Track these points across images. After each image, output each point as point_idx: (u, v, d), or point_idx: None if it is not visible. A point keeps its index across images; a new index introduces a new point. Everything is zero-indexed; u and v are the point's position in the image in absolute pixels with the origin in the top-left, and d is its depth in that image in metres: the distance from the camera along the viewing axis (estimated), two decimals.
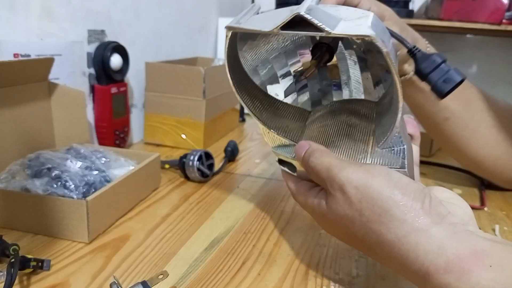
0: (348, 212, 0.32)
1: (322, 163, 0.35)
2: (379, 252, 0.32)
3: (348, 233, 0.34)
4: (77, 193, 0.46)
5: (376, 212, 0.30)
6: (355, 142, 0.41)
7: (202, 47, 1.11)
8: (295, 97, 0.50)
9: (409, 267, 0.30)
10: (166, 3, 0.89)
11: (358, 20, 0.32)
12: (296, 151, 0.39)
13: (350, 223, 0.32)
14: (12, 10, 0.53)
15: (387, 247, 0.31)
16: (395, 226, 0.30)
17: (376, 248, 0.32)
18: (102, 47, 0.67)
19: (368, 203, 0.31)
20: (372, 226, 0.31)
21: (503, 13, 0.94)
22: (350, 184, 0.32)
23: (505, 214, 0.58)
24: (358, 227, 0.32)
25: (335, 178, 0.33)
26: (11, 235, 0.44)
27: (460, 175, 0.72)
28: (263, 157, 0.78)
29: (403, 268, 0.30)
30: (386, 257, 0.32)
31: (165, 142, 0.81)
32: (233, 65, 0.43)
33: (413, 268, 0.29)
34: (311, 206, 0.37)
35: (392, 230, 0.30)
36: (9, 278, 0.34)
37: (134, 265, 0.41)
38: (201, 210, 0.54)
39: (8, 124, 0.52)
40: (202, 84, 0.76)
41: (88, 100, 0.68)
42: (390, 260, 0.31)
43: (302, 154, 0.38)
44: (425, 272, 0.29)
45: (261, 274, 0.40)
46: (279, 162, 0.44)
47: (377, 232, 0.31)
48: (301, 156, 0.38)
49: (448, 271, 0.27)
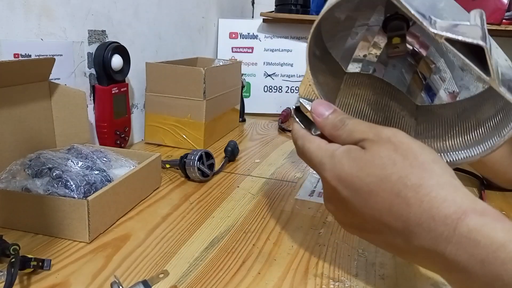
0: (392, 153, 0.32)
1: (361, 122, 0.36)
2: (411, 195, 0.31)
3: (380, 175, 0.32)
4: (78, 193, 0.46)
5: (420, 160, 0.32)
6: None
7: (202, 47, 1.11)
8: None
9: (444, 209, 0.29)
10: (166, 3, 0.89)
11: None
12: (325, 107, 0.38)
13: (392, 163, 0.32)
14: (12, 10, 0.53)
15: (425, 189, 0.30)
16: (437, 175, 0.31)
17: (409, 191, 0.31)
18: (102, 48, 0.67)
19: (414, 153, 0.32)
20: (415, 170, 0.31)
21: (503, 13, 0.94)
22: (397, 136, 0.33)
23: (505, 214, 0.58)
24: (399, 167, 0.32)
25: (383, 129, 0.34)
26: (12, 235, 0.44)
27: (460, 175, 0.72)
28: (263, 157, 0.78)
29: (436, 211, 0.30)
30: (418, 201, 0.31)
31: (165, 142, 0.81)
32: None
33: (448, 210, 0.29)
34: (329, 149, 0.36)
35: (435, 177, 0.31)
36: (9, 277, 0.34)
37: (134, 265, 0.41)
38: (201, 210, 0.54)
39: (8, 124, 0.52)
40: (203, 85, 0.76)
41: (89, 100, 0.68)
42: (422, 203, 0.30)
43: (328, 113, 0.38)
44: (462, 213, 0.29)
45: (261, 273, 0.41)
46: (296, 110, 0.41)
47: (419, 175, 0.31)
48: (325, 115, 0.37)
49: (485, 214, 0.28)
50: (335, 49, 0.46)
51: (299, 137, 0.39)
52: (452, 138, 0.39)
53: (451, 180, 0.31)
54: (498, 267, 0.26)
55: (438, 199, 0.30)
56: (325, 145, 0.36)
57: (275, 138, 0.92)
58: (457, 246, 0.28)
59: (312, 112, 0.38)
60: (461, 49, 0.30)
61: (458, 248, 0.28)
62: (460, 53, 0.30)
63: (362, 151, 0.34)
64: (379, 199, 0.32)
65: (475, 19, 0.32)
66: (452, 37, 0.30)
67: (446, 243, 0.29)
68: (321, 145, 0.37)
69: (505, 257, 0.26)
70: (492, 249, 0.26)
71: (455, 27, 0.30)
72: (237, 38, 1.16)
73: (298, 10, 1.12)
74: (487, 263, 0.27)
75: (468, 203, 0.29)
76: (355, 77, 0.47)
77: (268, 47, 1.16)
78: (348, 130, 0.36)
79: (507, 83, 0.31)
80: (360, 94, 0.46)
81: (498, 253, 0.26)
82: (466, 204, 0.29)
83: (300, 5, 1.12)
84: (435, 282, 0.40)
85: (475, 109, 0.39)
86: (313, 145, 0.37)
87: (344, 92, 0.46)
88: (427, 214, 0.30)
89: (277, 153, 0.81)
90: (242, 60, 1.12)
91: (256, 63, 1.16)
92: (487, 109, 0.37)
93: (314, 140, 0.37)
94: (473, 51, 0.29)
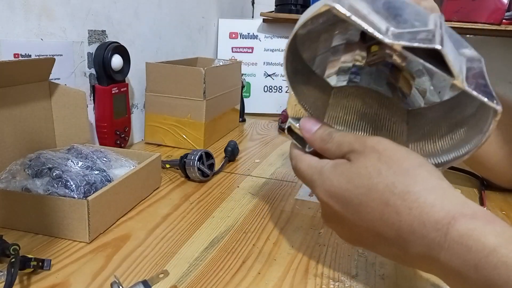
0: (376, 163, 0.33)
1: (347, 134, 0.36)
2: (400, 203, 0.31)
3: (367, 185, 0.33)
4: (78, 193, 0.46)
5: (405, 167, 0.32)
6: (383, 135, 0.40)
7: (202, 47, 1.11)
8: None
9: (434, 214, 0.29)
10: (166, 3, 0.89)
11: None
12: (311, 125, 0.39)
13: (377, 173, 0.32)
14: (12, 10, 0.53)
15: (413, 196, 0.31)
16: (423, 179, 0.31)
17: (397, 198, 0.31)
18: (102, 48, 0.67)
19: (398, 159, 0.33)
20: (399, 177, 0.32)
21: (503, 13, 0.94)
22: (382, 144, 0.34)
23: (505, 214, 0.58)
24: (384, 176, 0.32)
25: (368, 138, 0.34)
26: (12, 235, 0.44)
27: (460, 175, 0.72)
28: (263, 157, 0.78)
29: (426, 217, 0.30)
30: (406, 208, 0.31)
31: (165, 142, 0.81)
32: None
33: (438, 215, 0.29)
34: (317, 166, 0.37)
35: (420, 182, 0.31)
36: (9, 277, 0.34)
37: (134, 265, 0.41)
38: (201, 210, 0.54)
39: (8, 124, 0.52)
40: (203, 85, 0.76)
41: (89, 100, 0.68)
42: (410, 210, 0.30)
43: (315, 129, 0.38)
44: (451, 218, 0.29)
45: (261, 273, 0.41)
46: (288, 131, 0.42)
47: (404, 182, 0.31)
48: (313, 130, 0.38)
49: (475, 218, 0.29)
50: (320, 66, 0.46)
51: (292, 157, 0.40)
52: (441, 139, 0.39)
53: (438, 183, 0.31)
54: (491, 272, 0.26)
55: (426, 205, 0.30)
56: (315, 162, 0.37)
57: (275, 138, 0.92)
58: (450, 252, 0.28)
59: (301, 129, 0.39)
60: (422, 55, 0.30)
61: (452, 254, 0.28)
62: (421, 59, 0.30)
63: (348, 164, 0.34)
64: (369, 209, 0.32)
65: (434, 23, 0.32)
66: (409, 45, 0.30)
67: (439, 249, 0.29)
68: (311, 163, 0.38)
69: (497, 262, 0.26)
70: (484, 254, 0.27)
71: (412, 34, 0.31)
72: (237, 38, 1.16)
73: (298, 10, 1.12)
74: (480, 268, 0.27)
75: (457, 207, 0.29)
76: (342, 90, 0.48)
77: (268, 47, 1.16)
78: (336, 142, 0.36)
79: (474, 78, 0.31)
80: (349, 105, 0.46)
81: (490, 258, 0.26)
82: (455, 208, 0.29)
83: (300, 5, 1.12)
84: (435, 282, 0.40)
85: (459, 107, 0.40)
86: (303, 164, 0.38)
87: (333, 106, 0.46)
88: (417, 221, 0.30)
89: (277, 153, 0.81)
90: (242, 60, 1.12)
91: (256, 63, 1.16)
92: (469, 107, 0.38)
93: (305, 159, 0.39)
94: (434, 55, 0.29)
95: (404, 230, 0.31)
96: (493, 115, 0.32)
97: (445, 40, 0.30)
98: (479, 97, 0.30)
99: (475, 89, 0.30)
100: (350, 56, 0.46)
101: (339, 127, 0.44)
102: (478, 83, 0.31)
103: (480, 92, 0.31)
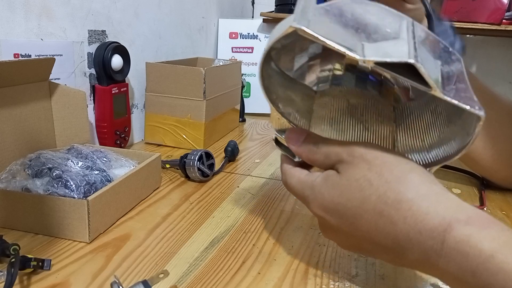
0: (367, 173, 0.32)
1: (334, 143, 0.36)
2: (394, 213, 0.31)
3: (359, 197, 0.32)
4: (78, 193, 0.46)
5: (395, 174, 0.32)
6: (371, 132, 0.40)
7: (202, 47, 1.11)
8: None
9: (428, 222, 0.29)
10: (166, 3, 0.89)
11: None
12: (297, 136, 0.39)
13: (368, 184, 0.32)
14: (12, 10, 0.53)
15: (406, 204, 0.30)
16: (415, 185, 0.31)
17: (391, 209, 0.31)
18: (102, 48, 0.67)
19: (388, 167, 0.32)
20: (391, 185, 0.31)
21: (503, 13, 0.94)
22: (370, 152, 0.33)
23: (505, 214, 0.58)
24: (375, 187, 0.32)
25: (355, 147, 0.34)
26: (12, 235, 0.44)
27: (460, 175, 0.72)
28: (263, 157, 0.78)
29: (421, 225, 0.30)
30: (401, 217, 0.31)
31: (165, 142, 0.81)
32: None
33: (433, 223, 0.29)
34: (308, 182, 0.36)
35: (413, 189, 0.31)
36: (9, 278, 0.34)
37: (134, 265, 0.41)
38: (201, 210, 0.54)
39: (8, 124, 0.52)
40: (203, 85, 0.76)
41: (89, 100, 0.68)
42: (405, 219, 0.30)
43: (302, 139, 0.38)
44: (447, 225, 0.29)
45: (261, 273, 0.41)
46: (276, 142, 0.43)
47: (396, 190, 0.31)
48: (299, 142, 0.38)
49: (470, 223, 0.28)
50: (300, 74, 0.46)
51: (282, 173, 0.40)
52: (430, 136, 0.39)
53: (431, 187, 0.31)
54: (488, 278, 0.26)
55: (420, 213, 0.30)
56: (304, 177, 0.37)
57: None
58: (448, 259, 0.28)
59: (287, 142, 0.39)
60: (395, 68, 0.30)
61: (449, 260, 0.28)
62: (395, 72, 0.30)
63: (338, 176, 0.34)
64: (364, 221, 0.33)
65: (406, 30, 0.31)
66: (380, 61, 0.29)
67: (437, 256, 0.29)
68: (300, 178, 0.37)
69: (494, 268, 0.26)
70: (481, 260, 0.27)
71: (383, 48, 0.30)
72: (237, 38, 1.16)
73: None
74: (478, 274, 0.27)
75: (452, 212, 0.29)
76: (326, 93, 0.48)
77: None
78: (323, 153, 0.36)
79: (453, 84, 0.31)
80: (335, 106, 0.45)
81: (487, 264, 0.27)
82: (450, 214, 0.29)
83: None
84: (435, 282, 0.40)
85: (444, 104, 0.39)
86: (294, 180, 0.38)
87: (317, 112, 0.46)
88: (413, 230, 0.30)
89: (277, 153, 0.81)
90: (242, 60, 1.12)
91: (256, 63, 1.15)
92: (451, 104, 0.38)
93: (294, 174, 0.38)
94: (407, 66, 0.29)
95: (401, 238, 0.31)
96: (476, 120, 0.31)
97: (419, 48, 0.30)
98: (460, 105, 0.30)
99: (455, 97, 0.30)
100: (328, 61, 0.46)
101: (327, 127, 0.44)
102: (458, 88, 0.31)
103: (461, 99, 0.30)
